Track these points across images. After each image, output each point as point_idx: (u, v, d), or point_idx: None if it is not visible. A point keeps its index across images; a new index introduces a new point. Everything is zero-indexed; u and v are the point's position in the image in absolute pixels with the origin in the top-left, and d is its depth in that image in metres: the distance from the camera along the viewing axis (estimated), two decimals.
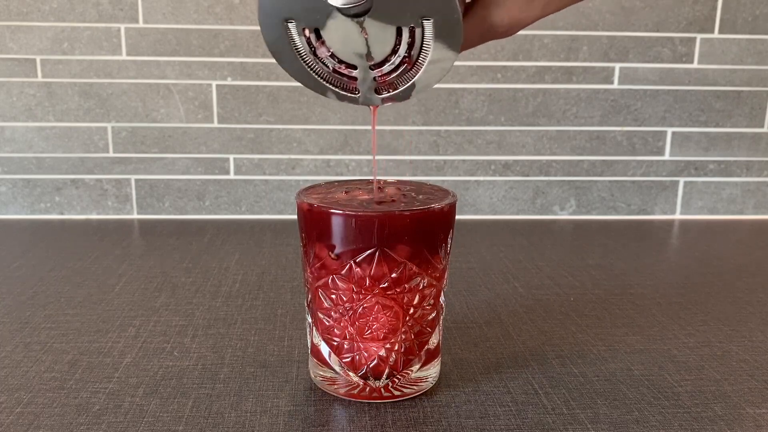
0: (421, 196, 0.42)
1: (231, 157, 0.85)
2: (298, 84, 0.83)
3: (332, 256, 0.39)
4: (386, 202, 0.41)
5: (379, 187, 0.44)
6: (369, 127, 0.84)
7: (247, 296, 0.59)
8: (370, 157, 0.85)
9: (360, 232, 0.39)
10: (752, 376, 0.46)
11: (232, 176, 0.85)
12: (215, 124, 0.84)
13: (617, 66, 0.85)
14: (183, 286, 0.61)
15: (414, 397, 0.42)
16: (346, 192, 0.43)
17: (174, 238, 0.76)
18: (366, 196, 0.42)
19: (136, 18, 0.80)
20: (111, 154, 0.84)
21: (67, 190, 0.84)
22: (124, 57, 0.81)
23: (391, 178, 0.47)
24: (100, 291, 0.60)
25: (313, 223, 0.40)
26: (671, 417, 0.40)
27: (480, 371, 0.46)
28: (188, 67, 0.82)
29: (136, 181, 0.85)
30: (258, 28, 0.81)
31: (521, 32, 0.83)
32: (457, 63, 0.83)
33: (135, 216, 0.86)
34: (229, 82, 0.82)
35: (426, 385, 0.43)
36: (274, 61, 0.82)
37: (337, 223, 0.39)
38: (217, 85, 0.82)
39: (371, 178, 0.44)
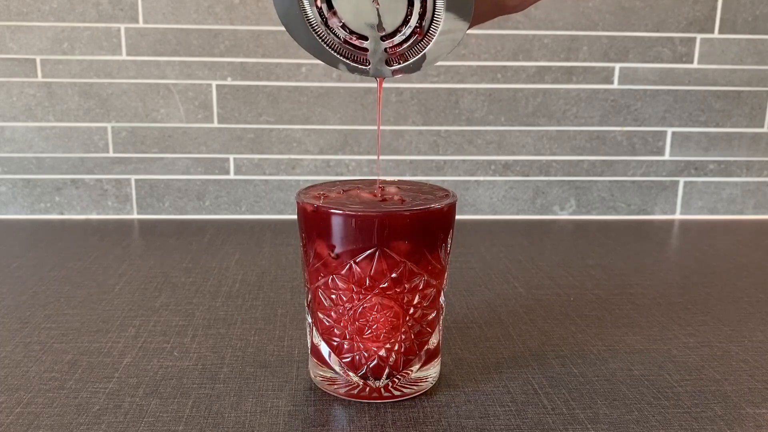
0: (421, 196, 0.42)
1: (231, 157, 0.85)
2: (299, 84, 0.83)
3: (332, 255, 0.39)
4: (386, 202, 0.41)
5: (379, 187, 0.44)
6: (368, 127, 0.84)
7: (247, 296, 0.59)
8: (369, 157, 0.85)
9: (360, 232, 0.39)
10: (752, 376, 0.46)
11: (232, 176, 0.85)
12: (215, 124, 0.84)
13: (617, 66, 0.85)
14: (183, 286, 0.61)
15: (414, 397, 0.42)
16: (345, 192, 0.43)
17: (174, 238, 0.76)
18: (366, 196, 0.42)
19: (136, 18, 0.80)
20: (111, 154, 0.84)
21: (67, 190, 0.84)
22: (124, 57, 0.81)
23: (391, 178, 0.47)
24: (100, 291, 0.60)
25: (313, 223, 0.40)
26: (671, 417, 0.40)
27: (480, 371, 0.46)
28: (188, 67, 0.82)
29: (136, 181, 0.85)
30: (258, 27, 0.81)
31: (521, 32, 0.83)
32: (456, 63, 0.83)
33: (135, 216, 0.86)
34: (229, 82, 0.82)
35: (426, 385, 0.43)
36: (274, 60, 0.82)
37: (337, 223, 0.39)
38: (217, 85, 0.82)
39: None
